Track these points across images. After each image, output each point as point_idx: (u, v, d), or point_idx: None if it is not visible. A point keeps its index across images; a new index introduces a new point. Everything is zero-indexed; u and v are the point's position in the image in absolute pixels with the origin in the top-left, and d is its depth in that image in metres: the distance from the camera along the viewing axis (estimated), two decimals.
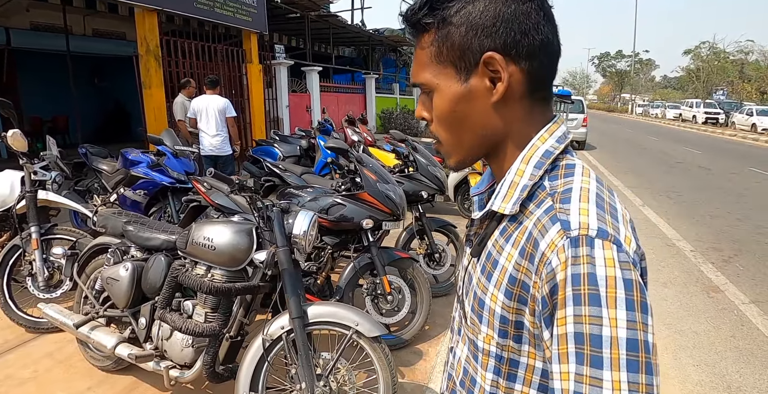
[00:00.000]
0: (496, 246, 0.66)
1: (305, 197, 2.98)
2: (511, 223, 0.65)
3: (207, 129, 5.43)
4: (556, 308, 0.55)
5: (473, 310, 0.69)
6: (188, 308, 2.14)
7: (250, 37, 8.43)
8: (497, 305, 0.63)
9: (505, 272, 0.62)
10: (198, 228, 2.12)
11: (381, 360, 1.99)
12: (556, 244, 0.56)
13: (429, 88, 0.68)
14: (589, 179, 0.63)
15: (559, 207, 0.59)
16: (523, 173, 0.65)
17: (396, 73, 17.31)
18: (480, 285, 0.67)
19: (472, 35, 0.62)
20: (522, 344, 0.62)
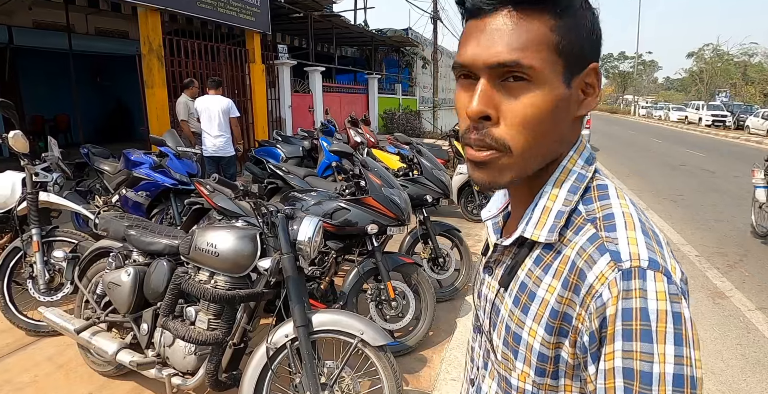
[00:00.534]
0: (532, 277, 0.61)
1: (309, 201, 2.95)
2: (547, 251, 0.60)
3: (210, 129, 5.40)
4: (604, 343, 0.52)
5: (506, 345, 0.64)
6: (191, 314, 2.11)
7: (253, 37, 8.40)
8: (536, 340, 0.59)
9: (546, 305, 0.58)
10: (201, 233, 2.09)
11: (386, 369, 1.96)
12: (606, 277, 0.53)
13: (532, 75, 0.55)
14: (627, 202, 0.60)
15: (606, 236, 0.56)
16: (555, 198, 0.61)
17: (398, 73, 17.27)
18: (514, 319, 0.62)
19: (590, 40, 0.58)
20: (559, 379, 0.59)
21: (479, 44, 0.57)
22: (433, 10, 17.41)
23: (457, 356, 2.91)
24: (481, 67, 0.56)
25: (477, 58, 0.56)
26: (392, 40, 15.08)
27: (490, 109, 0.56)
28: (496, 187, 0.61)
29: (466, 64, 0.58)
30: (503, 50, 0.55)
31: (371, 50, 15.50)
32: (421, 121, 16.13)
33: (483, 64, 0.56)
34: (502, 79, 0.56)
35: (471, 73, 0.58)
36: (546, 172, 0.62)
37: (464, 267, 3.81)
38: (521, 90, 0.56)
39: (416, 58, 17.61)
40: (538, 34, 0.55)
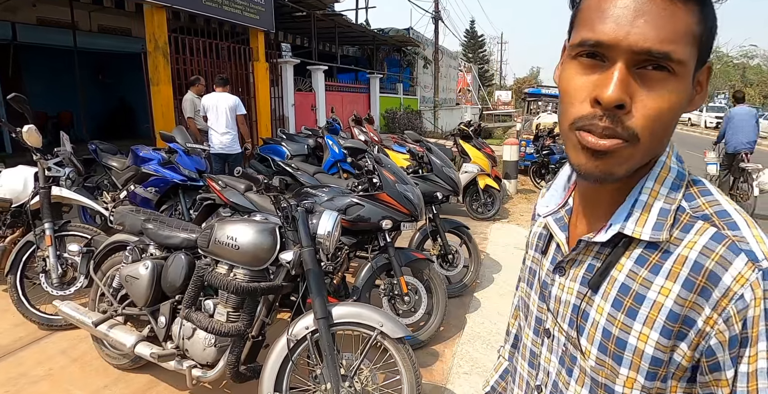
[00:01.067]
0: (637, 279, 0.58)
1: (322, 197, 2.96)
2: (651, 251, 0.57)
3: (217, 127, 5.42)
4: (746, 345, 0.51)
5: (604, 350, 0.60)
6: (209, 307, 2.13)
7: (257, 35, 8.41)
8: (648, 345, 0.56)
9: (659, 308, 0.55)
10: (221, 227, 2.11)
11: (405, 361, 1.98)
12: (747, 278, 0.51)
13: (677, 69, 0.52)
14: (728, 199, 0.59)
15: (733, 235, 0.53)
16: (656, 194, 0.59)
17: (400, 73, 17.29)
18: (617, 323, 0.58)
19: (712, 39, 0.55)
20: (667, 380, 0.57)
21: (624, 23, 0.51)
22: (435, 10, 17.45)
23: (469, 350, 2.94)
24: (624, 50, 0.51)
25: (622, 39, 0.51)
26: (394, 40, 15.10)
27: (627, 98, 0.52)
28: (609, 179, 0.56)
29: (605, 43, 0.52)
30: (656, 37, 0.50)
31: (373, 50, 15.53)
32: (422, 121, 16.15)
33: (628, 48, 0.51)
34: (639, 66, 0.52)
35: (601, 53, 0.53)
36: (642, 169, 0.59)
37: (473, 264, 3.83)
38: (661, 82, 0.52)
39: (417, 57, 17.64)
40: (687, 25, 0.51)
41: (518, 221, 6.21)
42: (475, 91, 28.46)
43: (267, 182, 1.99)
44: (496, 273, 4.28)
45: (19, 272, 3.07)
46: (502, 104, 31.31)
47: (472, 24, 45.81)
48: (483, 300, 3.70)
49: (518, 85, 39.25)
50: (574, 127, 0.55)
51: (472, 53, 45.19)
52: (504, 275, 4.24)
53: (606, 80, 0.52)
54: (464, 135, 6.43)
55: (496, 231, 5.60)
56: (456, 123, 14.55)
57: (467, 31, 45.35)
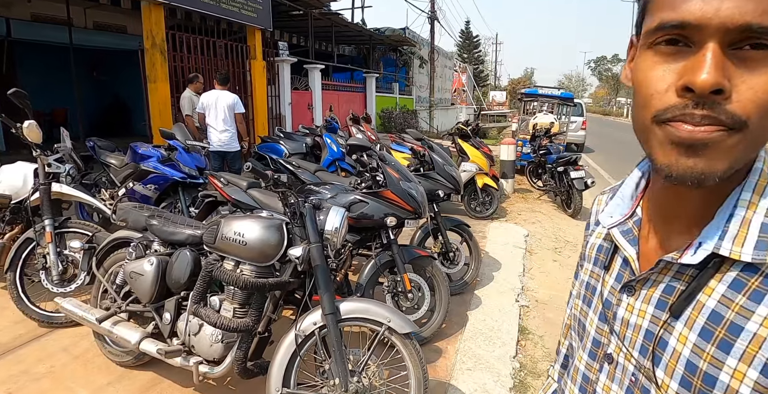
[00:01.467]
0: (733, 307, 0.50)
1: (326, 194, 2.96)
2: (751, 274, 0.50)
3: (215, 125, 5.39)
4: None
5: (688, 387, 0.52)
6: (215, 303, 2.13)
7: (254, 33, 8.38)
8: (743, 384, 0.48)
9: (761, 342, 0.47)
10: (227, 223, 2.11)
11: (413, 356, 1.99)
12: None
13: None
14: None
15: None
16: (756, 207, 0.51)
17: (396, 72, 17.30)
18: (705, 356, 0.51)
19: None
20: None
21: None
22: (431, 9, 17.48)
23: (471, 347, 2.95)
24: (716, 29, 0.44)
25: (713, 16, 0.44)
26: (390, 39, 15.11)
27: (725, 81, 0.44)
28: (708, 180, 0.48)
29: (692, 22, 0.45)
30: (754, 9, 0.43)
31: (369, 49, 15.52)
32: (417, 121, 16.18)
33: (721, 25, 0.44)
34: (734, 46, 0.45)
35: (686, 36, 0.46)
36: (736, 175, 0.51)
37: (473, 262, 3.85)
38: (764, 61, 0.44)
39: (413, 57, 17.66)
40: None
41: (516, 219, 6.24)
42: (470, 91, 28.55)
43: (276, 178, 1.99)
44: (496, 271, 4.30)
45: (18, 269, 3.04)
46: (496, 105, 31.41)
47: (468, 24, 45.95)
48: (483, 298, 3.72)
49: (513, 86, 39.42)
50: (659, 120, 0.48)
51: (467, 53, 45.32)
52: (503, 273, 4.26)
53: (697, 65, 0.45)
54: (462, 134, 6.45)
55: (494, 230, 5.62)
56: (451, 123, 14.59)
57: (462, 32, 45.46)
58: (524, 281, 4.18)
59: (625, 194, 0.65)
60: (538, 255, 5.02)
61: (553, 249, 5.32)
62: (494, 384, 2.61)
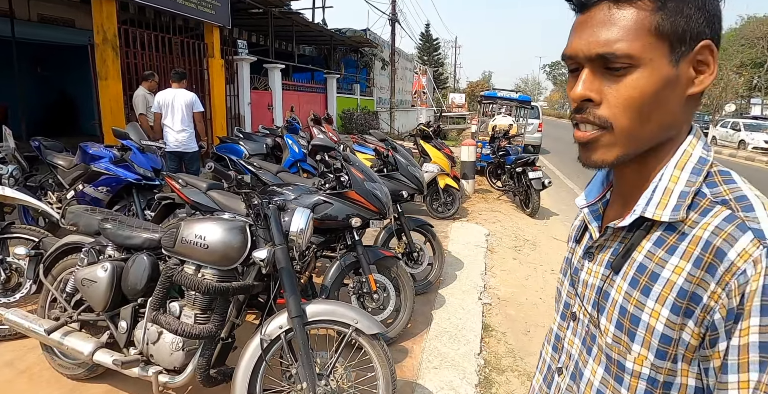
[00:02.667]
0: (654, 258, 0.61)
1: (289, 195, 2.91)
2: (669, 233, 0.61)
3: (172, 124, 5.21)
4: (741, 319, 0.53)
5: (620, 327, 0.63)
6: (175, 309, 2.05)
7: (212, 30, 8.17)
8: (659, 322, 0.59)
9: (671, 285, 0.58)
10: (188, 226, 2.03)
11: (380, 357, 1.98)
12: (750, 253, 0.53)
13: (632, 62, 0.58)
14: (751, 186, 0.62)
15: (744, 215, 0.56)
16: (677, 180, 0.62)
17: (357, 73, 17.28)
18: (632, 301, 0.62)
19: (698, 18, 0.59)
20: (677, 362, 0.59)
21: (580, 38, 0.61)
22: (392, 11, 17.56)
23: (437, 346, 2.97)
24: (583, 58, 0.61)
25: (578, 51, 0.61)
26: (351, 40, 15.08)
27: (591, 93, 0.61)
28: (604, 165, 0.63)
29: (570, 56, 0.63)
30: (601, 43, 0.59)
31: (330, 49, 15.43)
32: (378, 122, 16.21)
33: (585, 56, 0.61)
34: (605, 67, 0.60)
35: (575, 65, 0.63)
36: (660, 156, 0.64)
37: (437, 261, 3.89)
38: (624, 74, 0.59)
39: (375, 59, 17.69)
40: (635, 21, 0.58)
41: (477, 219, 6.35)
42: (430, 93, 28.87)
43: (239, 178, 1.94)
44: (459, 270, 4.36)
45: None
46: (456, 107, 31.91)
47: (428, 27, 46.43)
48: (447, 297, 3.76)
49: (472, 89, 40.15)
50: (572, 123, 0.65)
51: (427, 56, 45.80)
52: (466, 272, 4.32)
53: (576, 83, 0.62)
54: (424, 135, 6.51)
55: (456, 230, 5.70)
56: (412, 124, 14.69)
57: (422, 34, 45.93)
58: (486, 280, 4.26)
59: (597, 181, 0.77)
60: (498, 254, 5.12)
61: (513, 248, 5.44)
62: (460, 381, 2.64)
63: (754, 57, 33.09)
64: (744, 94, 32.46)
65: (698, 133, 0.66)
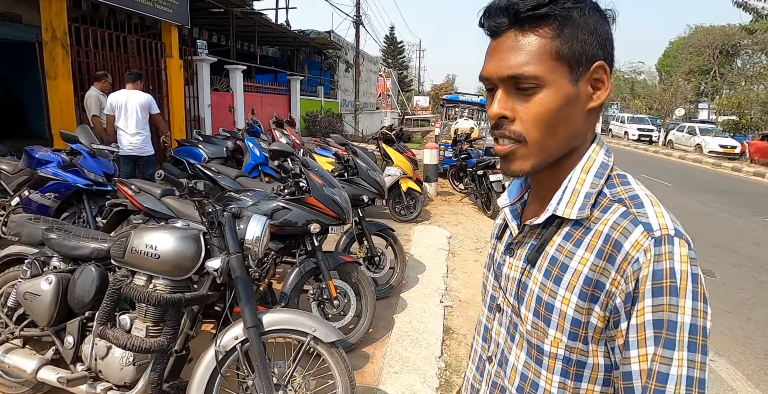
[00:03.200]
0: (563, 251, 0.69)
1: (247, 201, 2.86)
2: (576, 228, 0.69)
3: (126, 127, 5.03)
4: (637, 301, 0.61)
5: (537, 315, 0.71)
6: (125, 322, 1.97)
7: (170, 30, 7.94)
8: (570, 307, 0.66)
9: (578, 274, 0.66)
10: (138, 235, 1.97)
11: (339, 365, 1.97)
12: (641, 244, 0.61)
13: (538, 82, 0.65)
14: (643, 187, 0.71)
15: (636, 211, 0.65)
16: (583, 182, 0.70)
17: (321, 75, 17.17)
18: (546, 290, 0.70)
19: (591, 42, 0.67)
20: (588, 344, 0.67)
21: (493, 61, 0.68)
22: (356, 14, 17.56)
23: (398, 350, 2.99)
24: (497, 80, 0.68)
25: (492, 73, 0.68)
26: (315, 42, 14.98)
27: (506, 111, 0.68)
28: (522, 174, 0.71)
29: (486, 77, 0.70)
30: (512, 65, 0.66)
31: (293, 51, 15.28)
32: (343, 125, 16.16)
33: (498, 78, 0.68)
34: (516, 87, 0.67)
35: (492, 84, 0.70)
36: (569, 163, 0.72)
37: (398, 265, 3.91)
38: (532, 94, 0.66)
39: (339, 61, 17.63)
40: (539, 47, 0.65)
41: (439, 222, 6.42)
42: (394, 95, 29.02)
43: (190, 186, 1.89)
44: (421, 273, 4.39)
45: None
46: (420, 109, 32.18)
47: (392, 30, 46.69)
48: (409, 300, 3.78)
49: (436, 92, 40.57)
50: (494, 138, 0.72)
51: (391, 59, 46.05)
52: (428, 275, 4.36)
53: (492, 102, 0.70)
54: (387, 139, 6.54)
55: (418, 233, 5.74)
56: (376, 127, 14.72)
57: (387, 37, 46.12)
58: (448, 282, 4.31)
59: (516, 184, 0.85)
60: (460, 256, 5.19)
61: (474, 249, 5.53)
62: (421, 385, 2.66)
63: (701, 64, 34.96)
64: (692, 99, 34.21)
65: (601, 141, 0.74)
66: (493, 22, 0.68)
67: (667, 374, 0.59)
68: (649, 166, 14.78)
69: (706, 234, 6.64)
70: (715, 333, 3.62)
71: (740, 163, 16.02)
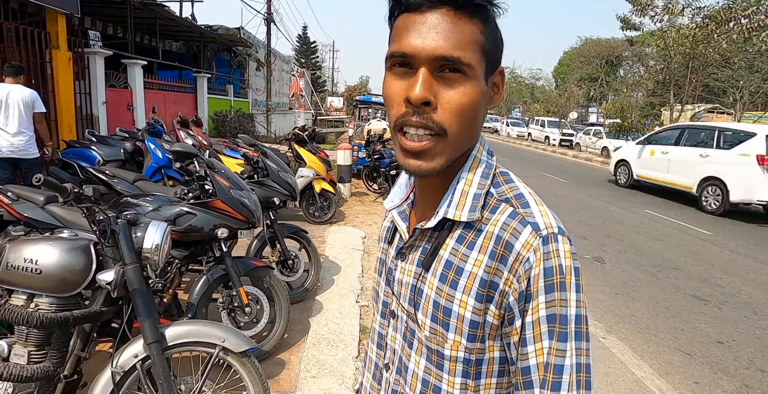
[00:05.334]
0: (458, 254, 0.68)
1: (146, 207, 2.67)
2: (468, 230, 0.68)
3: (6, 126, 4.47)
4: (531, 299, 0.63)
5: (435, 320, 0.69)
6: (2, 349, 1.75)
7: (56, 18, 7.16)
8: (467, 310, 0.66)
9: (474, 277, 0.66)
10: (15, 249, 1.76)
11: (251, 375, 1.91)
12: (531, 243, 0.63)
13: (468, 71, 0.62)
14: (525, 185, 0.72)
15: (523, 212, 0.66)
16: (471, 183, 0.70)
17: (230, 74, 16.49)
18: (443, 294, 0.68)
19: (500, 46, 0.67)
20: (485, 341, 0.67)
21: (423, 37, 0.61)
22: (267, 11, 17.10)
23: (315, 354, 2.95)
24: (425, 58, 0.61)
25: (421, 50, 0.61)
26: (223, 38, 14.33)
27: (431, 96, 0.61)
28: (433, 173, 0.66)
29: (408, 54, 0.62)
30: (448, 46, 0.60)
31: (200, 47, 14.52)
32: (254, 125, 15.66)
33: (427, 56, 0.61)
34: (439, 70, 0.62)
35: (408, 62, 0.63)
36: (457, 161, 0.69)
37: (313, 268, 3.87)
38: (457, 81, 0.62)
39: (249, 59, 17.04)
40: (472, 35, 0.62)
41: (354, 222, 6.45)
42: (308, 96, 28.68)
43: (76, 191, 1.72)
44: (336, 275, 4.38)
45: None
46: (334, 110, 32.12)
47: (305, 30, 46.14)
48: (325, 302, 3.76)
49: (349, 93, 40.74)
50: (397, 128, 0.65)
51: (305, 59, 45.46)
52: (343, 276, 4.36)
53: (413, 84, 0.62)
54: (299, 139, 6.44)
55: (333, 234, 5.73)
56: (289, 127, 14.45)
57: (300, 37, 45.47)
58: (363, 282, 4.34)
59: (402, 183, 0.82)
60: (375, 255, 5.20)
61: None
62: (339, 387, 2.65)
63: (590, 73, 38.54)
64: (584, 104, 37.61)
65: (483, 140, 0.74)
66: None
67: (562, 366, 0.62)
68: (547, 165, 15.98)
69: (599, 224, 7.32)
70: (606, 313, 4.01)
71: None
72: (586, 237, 6.57)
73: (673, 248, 6.23)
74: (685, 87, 16.13)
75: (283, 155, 6.68)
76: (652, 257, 5.79)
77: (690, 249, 6.23)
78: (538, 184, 11.17)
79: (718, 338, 3.71)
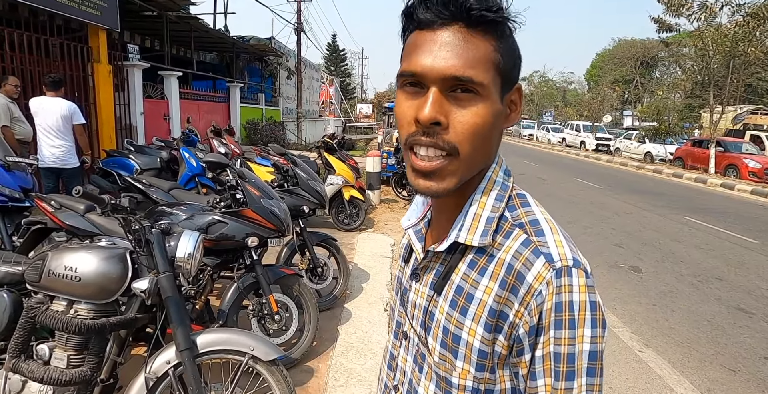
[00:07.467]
0: (468, 280, 0.66)
1: (180, 216, 2.75)
2: (480, 255, 0.66)
3: (47, 137, 4.69)
4: (541, 333, 0.61)
5: (444, 346, 0.68)
6: (44, 352, 1.82)
7: (98, 33, 7.51)
8: (476, 339, 0.64)
9: (483, 305, 0.64)
10: (56, 256, 1.83)
11: (280, 383, 1.92)
12: (543, 276, 0.60)
13: (480, 91, 0.60)
14: (542, 209, 0.69)
15: (537, 240, 0.63)
16: (484, 205, 0.67)
17: (261, 83, 16.86)
18: (452, 320, 0.67)
19: (518, 64, 0.65)
20: (495, 372, 0.65)
21: (434, 56, 0.59)
22: (297, 21, 17.43)
23: (343, 362, 2.96)
24: (435, 78, 0.59)
25: (432, 69, 0.59)
26: (255, 48, 14.69)
27: (441, 116, 0.60)
28: (443, 194, 0.64)
29: (419, 73, 0.60)
30: (459, 65, 0.59)
31: (232, 57, 14.90)
32: (285, 133, 15.92)
33: (437, 76, 0.59)
34: (451, 90, 0.60)
35: (419, 81, 0.61)
36: (472, 182, 0.68)
37: (342, 275, 3.88)
38: (469, 102, 0.60)
39: (280, 68, 17.39)
40: (486, 53, 0.60)
41: (383, 229, 6.46)
42: (337, 103, 29.02)
43: (113, 202, 1.78)
44: (365, 282, 4.39)
45: None
46: (363, 117, 32.37)
47: (334, 38, 46.78)
48: (354, 310, 3.76)
49: (378, 99, 40.97)
50: (408, 147, 0.64)
51: (334, 66, 46.06)
52: (372, 284, 4.36)
53: (423, 103, 0.60)
54: (328, 147, 6.51)
55: (362, 241, 5.74)
56: (319, 135, 14.64)
57: (329, 45, 46.12)
58: (392, 290, 4.33)
59: (419, 201, 0.80)
60: None
61: None
62: None
63: (624, 75, 37.58)
64: (618, 107, 36.67)
65: (500, 160, 0.71)
66: (433, 11, 0.60)
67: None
68: (579, 170, 15.62)
69: (635, 232, 7.10)
70: (643, 325, 3.87)
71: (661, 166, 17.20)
72: (621, 245, 6.38)
73: (714, 257, 5.98)
74: (725, 87, 15.52)
75: (313, 163, 6.77)
76: (692, 267, 5.56)
77: (733, 258, 5.96)
78: (570, 190, 10.94)
79: (765, 354, 3.52)
